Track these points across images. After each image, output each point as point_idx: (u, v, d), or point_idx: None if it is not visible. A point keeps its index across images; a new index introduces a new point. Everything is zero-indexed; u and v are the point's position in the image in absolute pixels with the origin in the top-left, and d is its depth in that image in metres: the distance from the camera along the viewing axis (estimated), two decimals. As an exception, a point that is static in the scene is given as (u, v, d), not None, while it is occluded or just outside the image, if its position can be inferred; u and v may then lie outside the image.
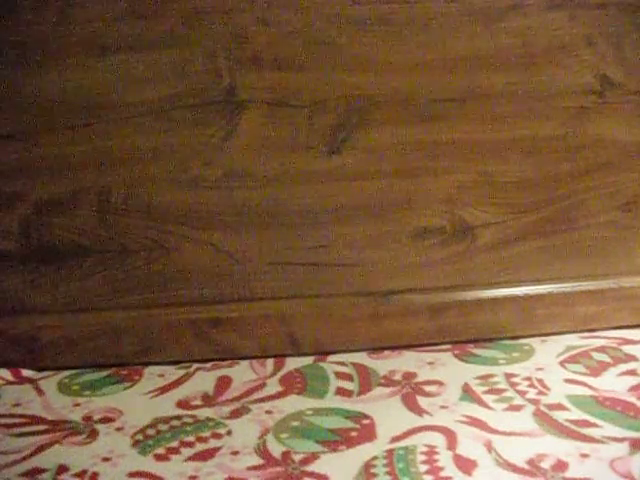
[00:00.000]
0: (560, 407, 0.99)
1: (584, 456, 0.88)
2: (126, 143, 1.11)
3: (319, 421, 0.98)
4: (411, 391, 1.05)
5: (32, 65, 1.07)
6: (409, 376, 1.09)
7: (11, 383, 1.11)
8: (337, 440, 0.94)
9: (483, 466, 0.87)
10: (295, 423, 0.98)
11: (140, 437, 0.96)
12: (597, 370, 1.09)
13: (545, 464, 0.87)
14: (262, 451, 0.92)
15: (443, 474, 0.85)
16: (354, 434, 0.95)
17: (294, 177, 1.14)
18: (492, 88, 1.14)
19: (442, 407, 1.01)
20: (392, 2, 1.10)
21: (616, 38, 1.14)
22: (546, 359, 1.13)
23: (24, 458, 0.92)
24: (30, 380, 1.12)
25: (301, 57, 1.11)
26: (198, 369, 1.14)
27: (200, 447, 0.93)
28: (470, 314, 1.18)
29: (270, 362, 1.16)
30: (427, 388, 1.06)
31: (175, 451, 0.92)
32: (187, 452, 0.92)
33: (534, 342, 1.18)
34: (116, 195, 1.12)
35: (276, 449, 0.92)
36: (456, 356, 1.15)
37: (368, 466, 0.88)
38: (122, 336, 1.14)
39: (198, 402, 1.04)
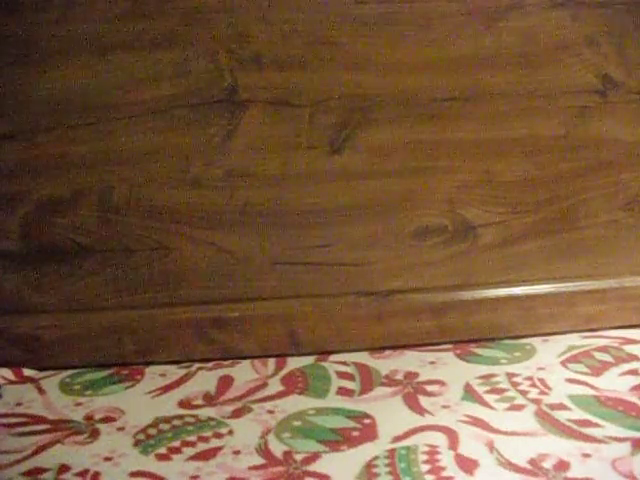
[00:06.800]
0: (562, 407, 0.99)
1: (586, 456, 0.88)
2: (127, 143, 1.11)
3: (321, 421, 0.98)
4: (412, 391, 1.05)
5: (33, 65, 1.07)
6: (411, 376, 1.09)
7: (13, 382, 1.11)
8: (339, 440, 0.94)
9: (485, 466, 0.87)
10: (297, 423, 0.98)
11: (142, 437, 0.96)
12: (599, 370, 1.09)
13: (547, 464, 0.87)
14: (263, 451, 0.92)
15: (445, 474, 0.85)
16: (356, 434, 0.95)
17: (296, 177, 1.14)
18: (494, 87, 1.14)
19: (444, 407, 1.01)
20: (394, 1, 1.10)
21: (618, 37, 1.14)
22: (548, 359, 1.13)
23: (26, 457, 0.92)
24: (31, 380, 1.12)
25: (303, 56, 1.10)
26: (200, 369, 1.14)
27: (201, 447, 0.93)
28: (472, 314, 1.18)
29: (271, 362, 1.16)
30: (429, 388, 1.06)
31: (177, 451, 0.92)
32: (189, 452, 0.92)
33: (536, 342, 1.18)
34: (117, 195, 1.12)
35: (277, 449, 0.92)
36: (458, 356, 1.15)
37: (370, 466, 0.88)
38: (124, 336, 1.14)
39: (200, 402, 1.04)
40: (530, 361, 1.12)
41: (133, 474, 0.88)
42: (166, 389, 1.08)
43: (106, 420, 1.00)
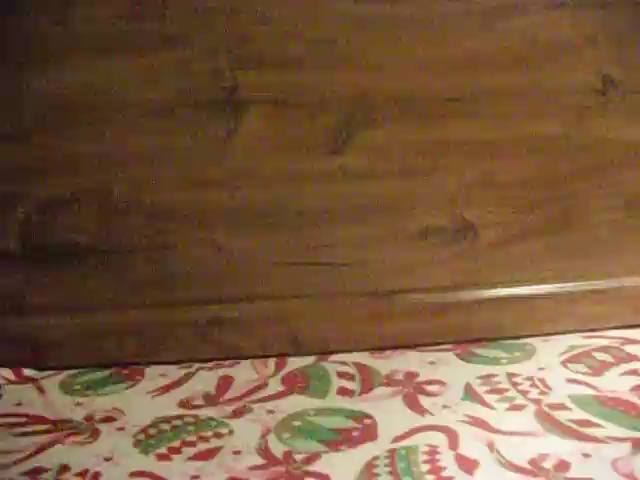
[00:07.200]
0: (562, 407, 0.99)
1: (586, 456, 0.88)
2: (128, 143, 1.10)
3: (321, 421, 0.98)
4: (413, 391, 1.05)
5: (33, 65, 1.07)
6: (411, 376, 1.09)
7: (13, 382, 1.11)
8: (339, 440, 0.94)
9: (485, 466, 0.87)
10: (297, 423, 0.98)
11: (142, 437, 0.96)
12: (599, 370, 1.09)
13: (547, 464, 0.86)
14: (264, 451, 0.92)
15: (445, 474, 0.85)
16: (356, 434, 0.95)
17: (296, 177, 1.14)
18: (494, 87, 1.14)
19: (444, 407, 1.01)
20: (394, 1, 1.10)
21: (618, 37, 1.14)
22: (548, 359, 1.13)
23: (26, 457, 0.92)
24: (32, 379, 1.12)
25: (303, 56, 1.10)
26: (200, 369, 1.14)
27: (202, 447, 0.93)
28: (472, 314, 1.18)
29: (272, 362, 1.16)
30: (429, 388, 1.06)
31: (177, 451, 0.92)
32: (189, 452, 0.92)
33: (536, 342, 1.18)
34: (117, 195, 1.12)
35: (278, 449, 0.92)
36: (458, 356, 1.15)
37: (370, 466, 0.88)
38: (124, 336, 1.14)
39: (200, 402, 1.04)
40: (530, 361, 1.12)
41: (133, 474, 0.88)
42: (166, 389, 1.08)
43: (106, 420, 1.00)
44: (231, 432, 0.96)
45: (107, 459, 0.91)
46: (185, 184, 1.13)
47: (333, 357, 1.16)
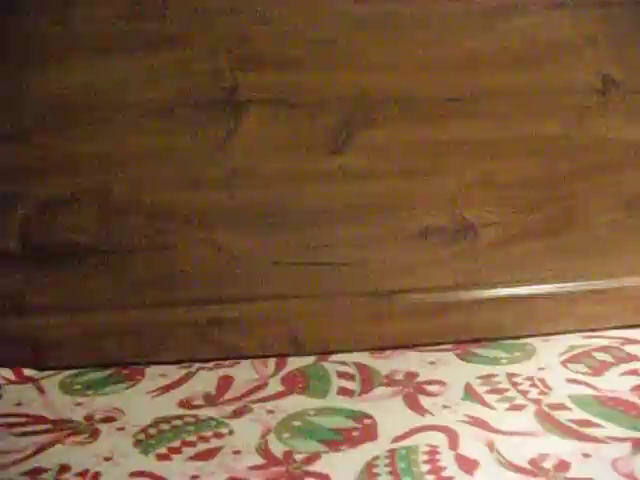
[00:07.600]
0: (562, 407, 0.99)
1: (586, 456, 0.88)
2: (128, 143, 1.10)
3: (321, 421, 0.98)
4: (413, 391, 1.05)
5: (33, 65, 1.07)
6: (411, 376, 1.09)
7: (13, 382, 1.11)
8: (339, 440, 0.94)
9: (485, 466, 0.87)
10: (297, 423, 0.98)
11: (142, 437, 0.96)
12: (599, 370, 1.09)
13: (547, 464, 0.86)
14: (264, 451, 0.92)
15: (445, 474, 0.85)
16: (356, 434, 0.95)
17: (296, 177, 1.14)
18: (494, 87, 1.14)
19: (444, 407, 1.01)
20: (394, 1, 1.10)
21: (618, 37, 1.14)
22: (548, 359, 1.13)
23: (26, 457, 0.92)
24: (32, 379, 1.12)
25: (303, 56, 1.10)
26: (200, 369, 1.14)
27: (202, 447, 0.93)
28: (472, 314, 1.18)
29: (272, 362, 1.16)
30: (429, 388, 1.06)
31: (177, 451, 0.92)
32: (189, 452, 0.92)
33: (536, 342, 1.18)
34: (117, 195, 1.12)
35: (278, 449, 0.92)
36: (458, 356, 1.15)
37: (370, 466, 0.88)
38: (124, 336, 1.14)
39: (200, 402, 1.04)
40: (530, 361, 1.12)
41: (133, 474, 0.88)
42: (166, 389, 1.08)
43: (106, 420, 1.00)
44: (231, 432, 0.96)
45: (107, 459, 0.91)
46: (185, 184, 1.13)
47: (333, 357, 1.16)
